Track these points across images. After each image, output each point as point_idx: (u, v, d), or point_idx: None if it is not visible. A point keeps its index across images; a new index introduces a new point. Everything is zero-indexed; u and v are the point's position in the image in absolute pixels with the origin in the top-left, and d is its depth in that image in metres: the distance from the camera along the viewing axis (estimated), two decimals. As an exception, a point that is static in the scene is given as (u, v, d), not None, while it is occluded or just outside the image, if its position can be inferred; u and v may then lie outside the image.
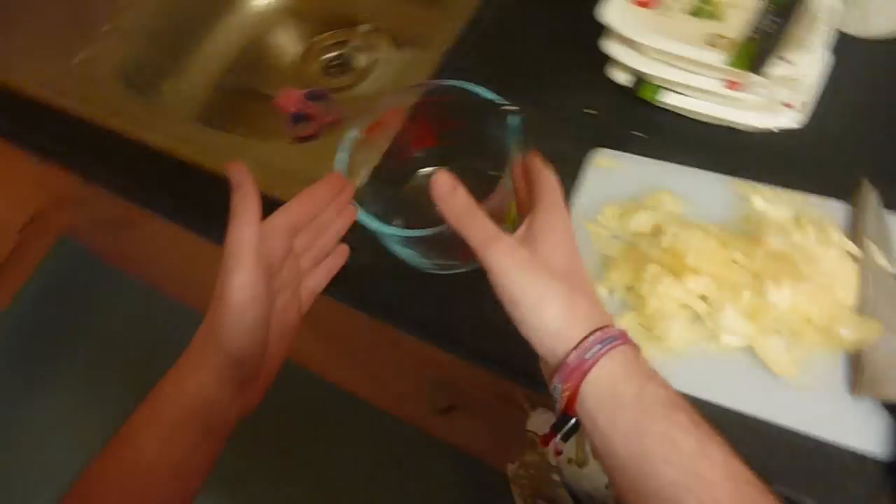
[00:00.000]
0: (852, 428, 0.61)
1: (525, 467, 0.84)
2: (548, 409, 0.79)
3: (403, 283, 0.75)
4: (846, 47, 0.75)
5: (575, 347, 0.48)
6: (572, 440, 0.77)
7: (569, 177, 0.76)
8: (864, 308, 0.64)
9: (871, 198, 0.68)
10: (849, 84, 0.76)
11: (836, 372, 0.63)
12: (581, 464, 0.76)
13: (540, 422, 0.78)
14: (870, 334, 0.62)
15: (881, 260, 0.65)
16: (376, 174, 0.75)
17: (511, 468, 0.87)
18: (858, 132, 0.74)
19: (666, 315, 0.65)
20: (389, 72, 1.10)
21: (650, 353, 0.65)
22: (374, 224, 0.66)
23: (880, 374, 0.61)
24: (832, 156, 0.73)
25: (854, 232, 0.68)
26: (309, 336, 1.23)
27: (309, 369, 1.61)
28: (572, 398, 0.48)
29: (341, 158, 0.70)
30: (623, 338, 0.49)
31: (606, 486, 0.77)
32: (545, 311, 0.49)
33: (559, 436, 0.51)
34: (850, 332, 0.63)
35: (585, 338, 0.48)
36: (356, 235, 0.70)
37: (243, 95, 1.12)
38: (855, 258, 0.66)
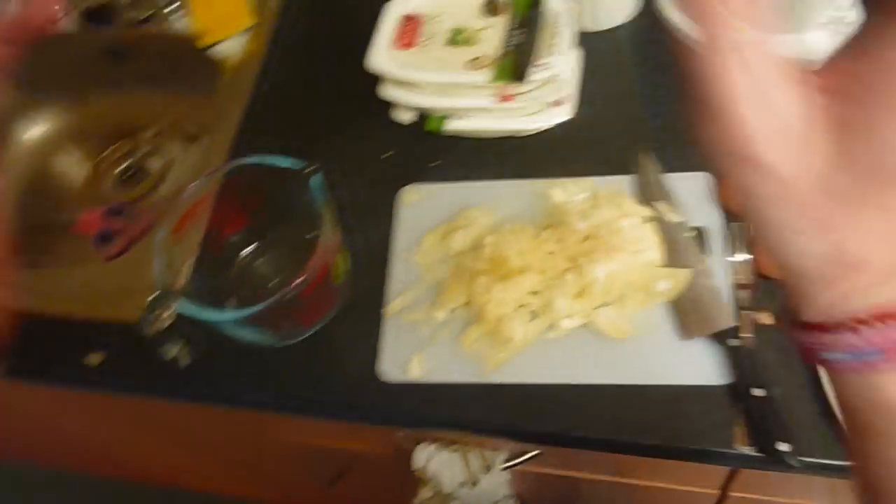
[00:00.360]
0: (692, 367, 0.67)
1: (425, 506, 0.85)
2: (429, 443, 0.81)
3: (251, 365, 0.74)
4: (588, 41, 0.84)
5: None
6: (458, 461, 0.79)
7: (383, 219, 0.79)
8: (671, 260, 0.71)
9: (646, 163, 0.76)
10: (600, 70, 0.84)
11: (666, 322, 0.69)
12: (474, 483, 0.78)
13: (423, 457, 0.79)
14: (681, 281, 0.69)
15: (672, 216, 0.73)
16: (199, 267, 0.74)
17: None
18: (622, 109, 0.82)
19: (506, 318, 0.69)
20: (187, 168, 1.09)
21: (499, 355, 0.69)
22: (207, 314, 0.66)
23: (701, 313, 0.68)
24: (606, 136, 0.80)
25: (644, 197, 0.75)
26: (180, 453, 1.18)
27: (193, 489, 1.53)
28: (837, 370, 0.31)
29: (157, 263, 0.69)
30: None
31: (496, 502, 0.80)
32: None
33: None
34: (666, 284, 0.69)
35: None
36: (192, 331, 0.69)
37: (42, 230, 1.07)
38: (651, 220, 0.73)
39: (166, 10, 1.01)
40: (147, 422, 1.03)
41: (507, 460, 0.80)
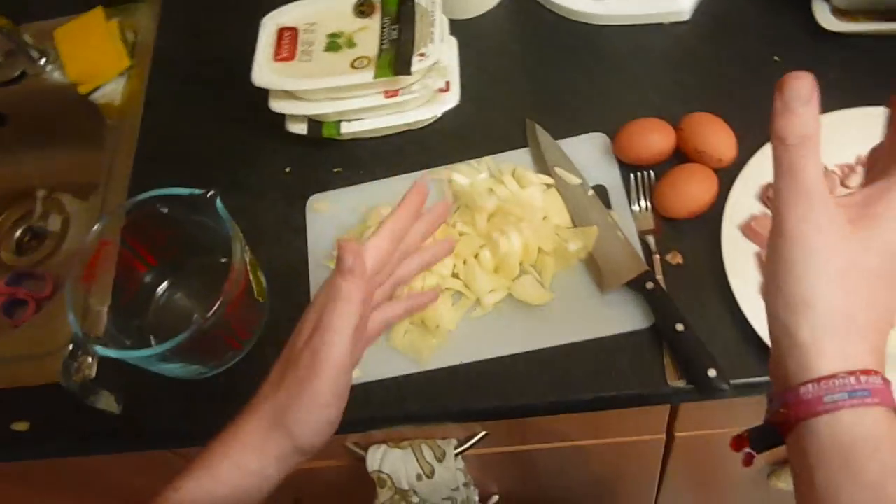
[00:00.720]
0: (615, 317, 0.69)
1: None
2: (381, 444, 0.81)
3: (188, 401, 0.73)
4: (461, 28, 0.86)
5: (815, 381, 0.38)
6: (411, 456, 0.79)
7: (296, 232, 0.79)
8: (577, 220, 0.74)
9: (538, 133, 0.78)
10: (478, 55, 0.87)
11: (583, 280, 0.71)
12: (430, 475, 0.79)
13: (377, 459, 0.79)
14: (590, 238, 0.72)
15: (570, 178, 0.75)
16: (116, 312, 0.73)
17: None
18: (506, 87, 0.85)
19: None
20: (86, 221, 1.07)
21: (431, 342, 0.70)
22: (129, 354, 0.64)
23: (614, 265, 0.70)
24: (495, 115, 0.83)
25: (542, 166, 0.77)
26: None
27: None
28: (787, 427, 0.40)
29: (70, 314, 0.67)
30: (882, 395, 0.38)
31: (455, 489, 0.80)
32: (812, 312, 0.39)
33: (754, 445, 0.44)
34: (577, 244, 0.72)
35: (833, 376, 0.38)
36: (120, 378, 0.67)
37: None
38: (552, 186, 0.76)
39: (39, 65, 0.98)
40: (88, 484, 0.99)
41: (458, 446, 0.81)
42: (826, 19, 0.77)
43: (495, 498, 1.00)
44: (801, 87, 0.39)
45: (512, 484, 1.00)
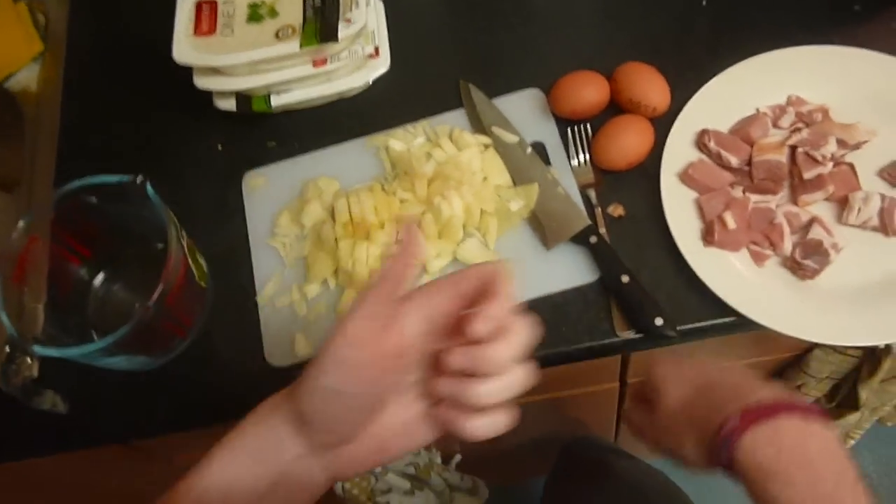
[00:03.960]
0: (561, 273, 0.69)
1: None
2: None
3: (136, 394, 0.72)
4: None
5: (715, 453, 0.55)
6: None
7: (234, 212, 0.77)
8: (518, 179, 0.73)
9: (473, 93, 0.77)
10: (404, 18, 0.85)
11: (528, 239, 0.71)
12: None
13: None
14: (531, 196, 0.71)
15: (507, 137, 0.75)
16: (53, 308, 0.70)
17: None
18: (436, 50, 0.83)
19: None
20: (11, 217, 1.02)
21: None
22: (70, 351, 0.62)
23: (557, 221, 0.70)
24: (427, 78, 0.81)
25: (478, 126, 0.76)
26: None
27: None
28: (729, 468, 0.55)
29: (4, 319, 0.64)
30: (741, 429, 0.53)
31: (417, 452, 0.81)
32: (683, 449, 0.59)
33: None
34: (518, 203, 0.71)
35: (716, 444, 0.55)
36: (58, 374, 0.65)
37: None
38: (490, 146, 0.75)
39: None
40: (32, 486, 0.97)
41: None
42: (748, -40, 0.78)
43: (458, 458, 1.01)
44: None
45: (473, 443, 1.01)
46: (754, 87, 0.73)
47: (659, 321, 0.65)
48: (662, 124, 0.72)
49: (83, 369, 0.66)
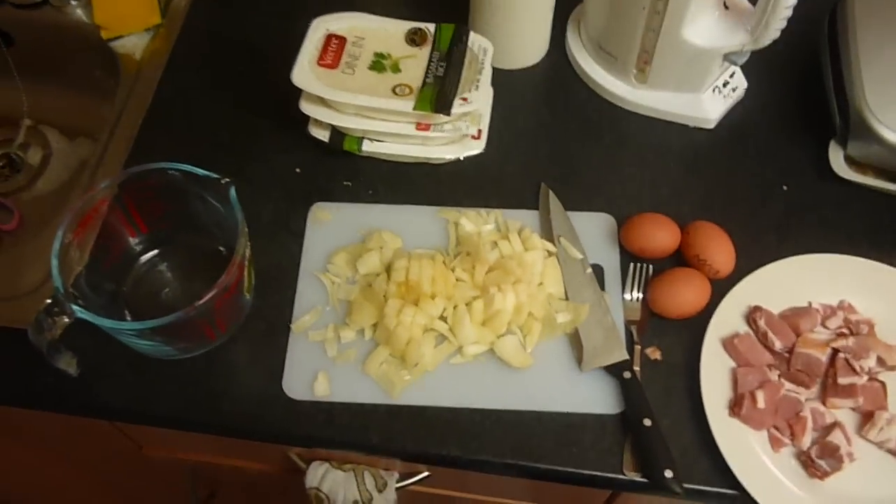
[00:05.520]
0: (587, 396, 0.71)
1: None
2: (322, 461, 0.80)
3: (146, 378, 0.72)
4: (496, 78, 0.86)
5: None
6: (352, 480, 0.79)
7: (293, 235, 0.79)
8: (571, 295, 0.75)
9: (551, 200, 0.80)
10: (510, 108, 0.88)
11: (564, 353, 0.73)
12: (368, 502, 0.79)
13: (317, 476, 0.79)
14: (580, 315, 0.73)
15: (573, 252, 0.77)
16: (91, 272, 0.71)
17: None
18: (529, 147, 0.86)
19: (415, 341, 0.70)
20: (69, 164, 1.04)
21: (405, 378, 0.70)
22: (104, 322, 0.63)
23: (597, 346, 0.72)
24: (513, 171, 0.84)
25: (548, 232, 0.79)
26: (53, 471, 1.10)
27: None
28: None
29: (55, 267, 0.65)
30: None
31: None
32: None
33: None
34: (566, 316, 0.73)
35: None
36: (79, 335, 0.65)
37: None
38: (553, 254, 0.77)
39: (65, -4, 0.95)
40: (20, 434, 0.95)
41: (400, 480, 0.81)
42: (838, 164, 0.82)
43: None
44: None
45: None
46: (812, 281, 0.76)
47: (669, 473, 0.66)
48: (719, 286, 0.74)
49: (104, 339, 0.66)
